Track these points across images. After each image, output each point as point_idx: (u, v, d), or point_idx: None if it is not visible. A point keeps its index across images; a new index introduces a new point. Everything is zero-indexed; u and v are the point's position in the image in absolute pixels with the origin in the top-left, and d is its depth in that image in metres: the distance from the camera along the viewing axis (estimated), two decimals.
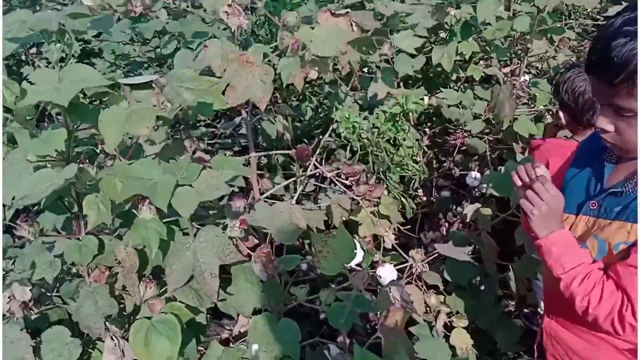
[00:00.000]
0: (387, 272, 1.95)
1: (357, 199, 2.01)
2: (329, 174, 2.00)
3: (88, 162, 1.24)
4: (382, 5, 2.10)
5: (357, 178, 2.01)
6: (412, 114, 1.91)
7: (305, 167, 2.06)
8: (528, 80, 2.61)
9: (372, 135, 1.90)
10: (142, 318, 1.17)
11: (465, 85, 2.74)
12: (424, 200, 2.73)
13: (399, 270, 1.98)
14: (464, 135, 2.63)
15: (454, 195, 2.83)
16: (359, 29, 1.36)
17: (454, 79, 2.77)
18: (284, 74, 1.40)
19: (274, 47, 1.47)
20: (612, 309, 1.16)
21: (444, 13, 2.30)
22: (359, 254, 1.76)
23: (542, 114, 2.49)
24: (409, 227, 2.19)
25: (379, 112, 1.97)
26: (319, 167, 1.98)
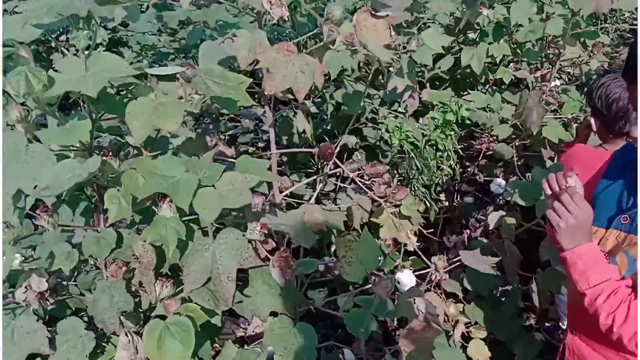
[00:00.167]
0: (406, 277, 1.91)
1: (378, 200, 1.98)
2: (352, 174, 1.97)
3: (111, 152, 1.23)
4: None
5: (380, 179, 1.98)
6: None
7: (326, 165, 2.04)
8: (559, 86, 2.54)
9: (420, 143, 1.88)
10: (156, 318, 1.16)
11: (494, 88, 2.68)
12: (446, 206, 2.69)
13: (419, 277, 1.94)
14: (490, 140, 2.58)
15: (477, 202, 2.78)
16: (395, 32, 1.33)
17: (482, 82, 2.71)
18: (333, 67, 1.38)
19: (305, 40, 1.45)
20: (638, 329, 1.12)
21: (476, 13, 2.24)
22: None
23: (569, 123, 2.42)
24: (431, 230, 2.15)
25: (429, 119, 1.94)
26: (341, 166, 1.95)
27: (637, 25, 2.90)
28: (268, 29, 1.62)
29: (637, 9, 2.51)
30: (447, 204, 2.71)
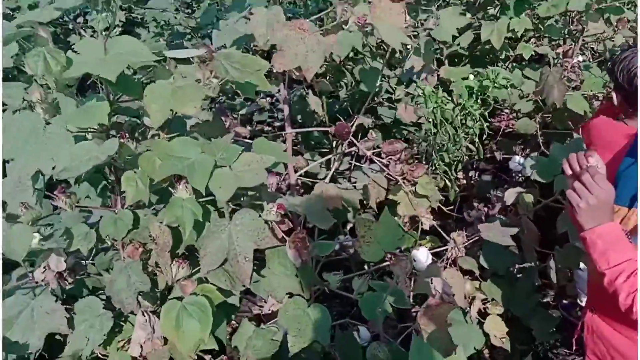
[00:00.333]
0: (422, 255, 1.90)
1: (395, 178, 1.96)
2: (368, 152, 1.95)
3: (129, 134, 1.23)
4: None
5: (397, 157, 1.95)
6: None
7: (341, 144, 2.02)
8: (581, 62, 2.47)
9: (453, 112, 1.84)
10: (173, 299, 1.16)
11: (514, 65, 2.62)
12: (464, 184, 2.66)
13: (435, 255, 1.93)
14: (510, 118, 2.53)
15: (495, 180, 2.74)
16: (413, 11, 1.30)
17: (502, 58, 2.65)
18: (344, 47, 1.36)
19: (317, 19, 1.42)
20: None
21: None
22: None
23: (589, 100, 2.36)
24: (450, 208, 2.13)
25: (463, 87, 1.90)
26: (357, 144, 1.93)
27: None
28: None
29: None
30: (464, 182, 2.68)
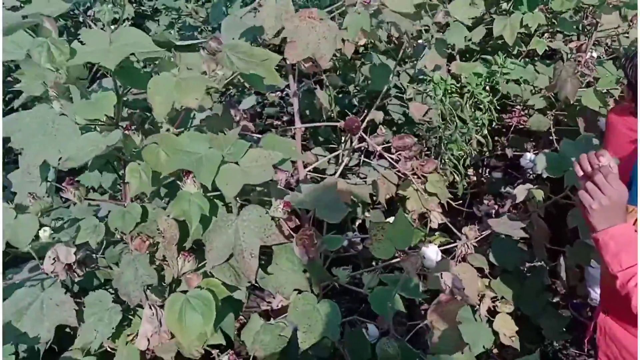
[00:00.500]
0: (431, 252, 1.89)
1: (405, 174, 1.94)
2: (378, 147, 1.93)
3: (137, 127, 1.22)
4: None
5: (407, 153, 1.94)
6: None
7: (351, 140, 2.00)
8: (594, 58, 2.44)
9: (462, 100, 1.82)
10: (178, 292, 1.16)
11: (526, 60, 2.59)
12: (474, 180, 2.63)
13: (444, 252, 1.91)
14: (522, 114, 2.50)
15: (506, 177, 2.72)
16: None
17: (515, 53, 2.62)
18: (352, 30, 1.35)
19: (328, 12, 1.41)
20: None
21: None
22: None
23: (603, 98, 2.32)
24: (459, 202, 2.11)
25: (470, 75, 1.88)
26: (367, 139, 1.92)
27: None
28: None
29: None
30: (475, 179, 2.65)
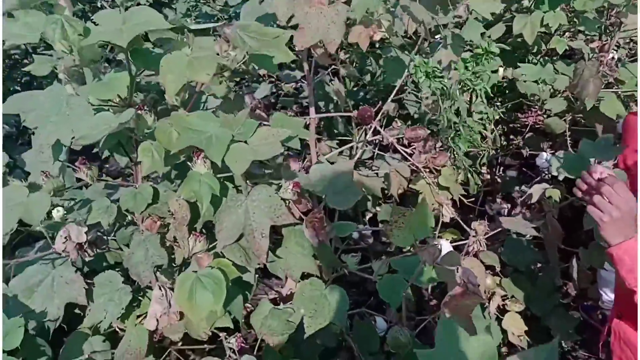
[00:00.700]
0: (446, 246, 1.87)
1: (418, 168, 1.93)
2: (391, 139, 1.92)
3: (149, 109, 1.23)
4: None
5: (421, 146, 1.92)
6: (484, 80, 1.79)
7: (365, 132, 1.99)
8: (616, 59, 2.39)
9: (448, 84, 1.79)
10: (188, 271, 1.16)
11: (545, 59, 2.55)
12: (488, 179, 2.61)
13: (455, 248, 1.89)
14: (538, 114, 2.47)
15: (521, 176, 2.69)
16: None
17: (534, 52, 2.58)
18: (358, 10, 1.34)
19: None
20: None
21: None
22: None
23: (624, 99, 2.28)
24: (472, 200, 2.09)
25: (460, 59, 1.86)
26: (381, 131, 1.90)
27: None
28: None
29: None
30: (488, 177, 2.63)
